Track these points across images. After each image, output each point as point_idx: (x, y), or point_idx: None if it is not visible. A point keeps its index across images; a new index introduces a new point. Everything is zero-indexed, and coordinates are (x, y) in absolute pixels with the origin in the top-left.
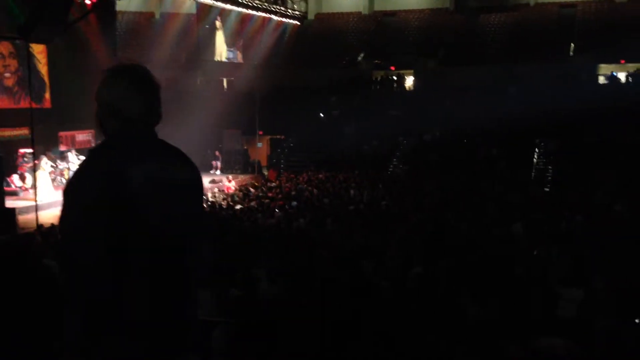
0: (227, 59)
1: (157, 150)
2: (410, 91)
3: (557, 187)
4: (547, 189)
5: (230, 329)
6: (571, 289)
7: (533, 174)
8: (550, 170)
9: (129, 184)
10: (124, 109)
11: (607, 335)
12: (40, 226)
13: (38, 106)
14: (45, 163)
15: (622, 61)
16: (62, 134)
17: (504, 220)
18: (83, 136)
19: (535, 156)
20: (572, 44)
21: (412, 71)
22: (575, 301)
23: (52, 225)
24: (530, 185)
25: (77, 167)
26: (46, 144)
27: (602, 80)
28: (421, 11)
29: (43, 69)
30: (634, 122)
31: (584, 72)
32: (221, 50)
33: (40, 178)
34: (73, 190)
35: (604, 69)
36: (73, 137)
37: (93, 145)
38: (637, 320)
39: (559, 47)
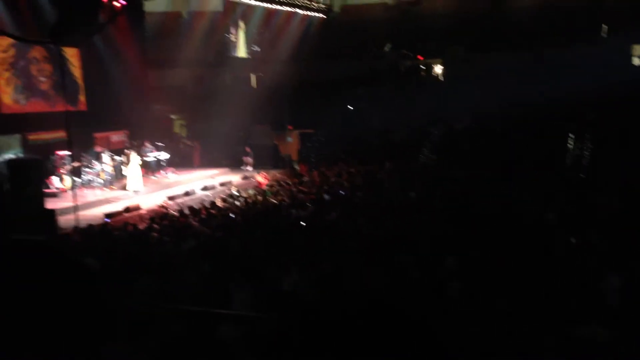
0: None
1: None
2: (438, 80)
3: (593, 173)
4: (582, 175)
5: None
6: (611, 276)
7: (568, 160)
8: (587, 156)
9: None
10: None
11: None
12: (76, 227)
13: (73, 109)
14: (134, 156)
15: None
16: (97, 135)
17: (539, 208)
18: (117, 137)
19: (571, 142)
20: (604, 25)
21: (440, 60)
22: (616, 288)
23: (90, 225)
24: (566, 171)
25: None
26: (82, 145)
27: (636, 62)
28: None
29: (77, 72)
30: None
31: (617, 53)
32: (242, 49)
33: (131, 170)
34: None
35: (639, 49)
36: (108, 138)
37: (127, 144)
38: None
39: (589, 29)
